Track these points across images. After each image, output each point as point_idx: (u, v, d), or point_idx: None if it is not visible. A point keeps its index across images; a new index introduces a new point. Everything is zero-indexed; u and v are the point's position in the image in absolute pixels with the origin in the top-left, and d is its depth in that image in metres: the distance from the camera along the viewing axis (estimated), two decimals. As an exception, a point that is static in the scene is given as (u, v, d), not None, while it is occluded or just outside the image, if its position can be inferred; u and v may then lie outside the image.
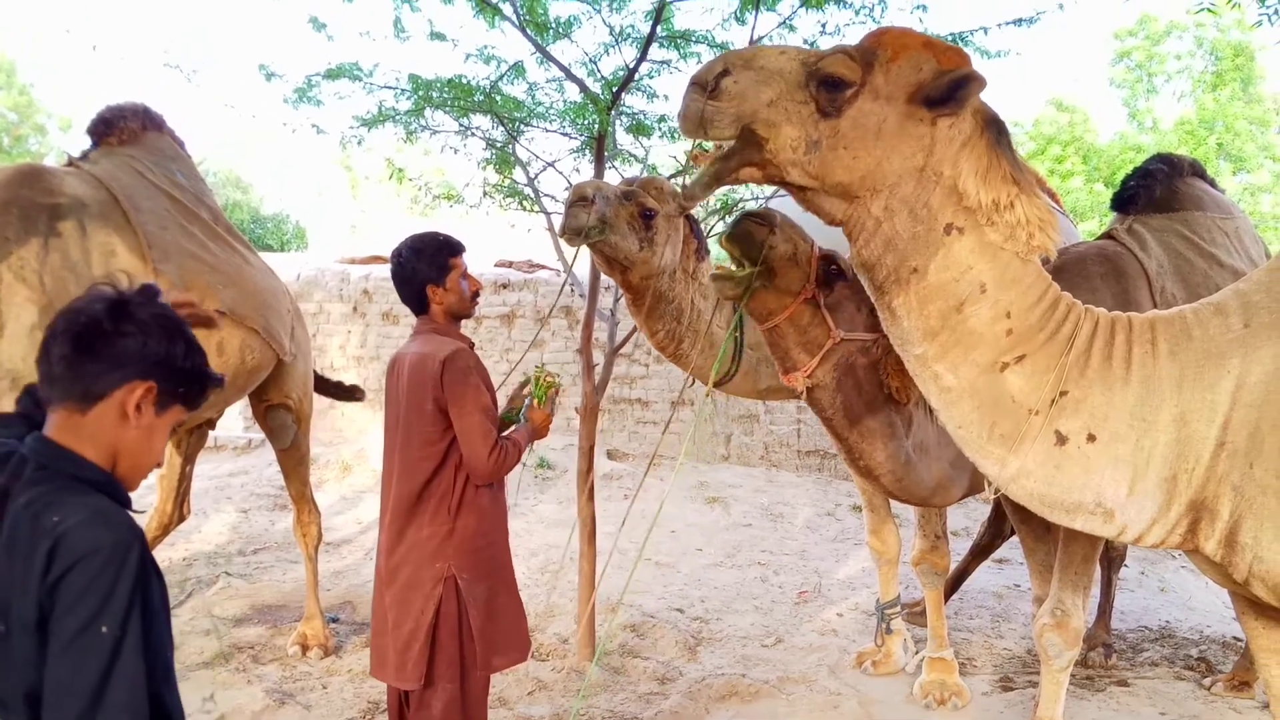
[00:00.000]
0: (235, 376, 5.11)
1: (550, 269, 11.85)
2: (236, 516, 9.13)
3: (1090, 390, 2.58)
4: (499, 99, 5.54)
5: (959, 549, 6.90)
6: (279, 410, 5.77)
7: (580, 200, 4.26)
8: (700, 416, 3.92)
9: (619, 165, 6.20)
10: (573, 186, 4.49)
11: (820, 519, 9.82)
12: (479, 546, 3.55)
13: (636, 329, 4.97)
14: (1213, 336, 2.56)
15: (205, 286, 4.91)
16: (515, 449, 3.58)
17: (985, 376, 2.61)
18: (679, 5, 5.38)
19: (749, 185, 6.29)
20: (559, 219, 4.50)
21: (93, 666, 1.66)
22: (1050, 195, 6.29)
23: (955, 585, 6.56)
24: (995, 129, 2.61)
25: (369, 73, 5.64)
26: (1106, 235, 4.73)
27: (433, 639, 3.46)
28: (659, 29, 5.22)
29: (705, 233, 5.36)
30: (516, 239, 8.45)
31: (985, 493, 3.42)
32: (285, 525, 8.47)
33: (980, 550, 6.67)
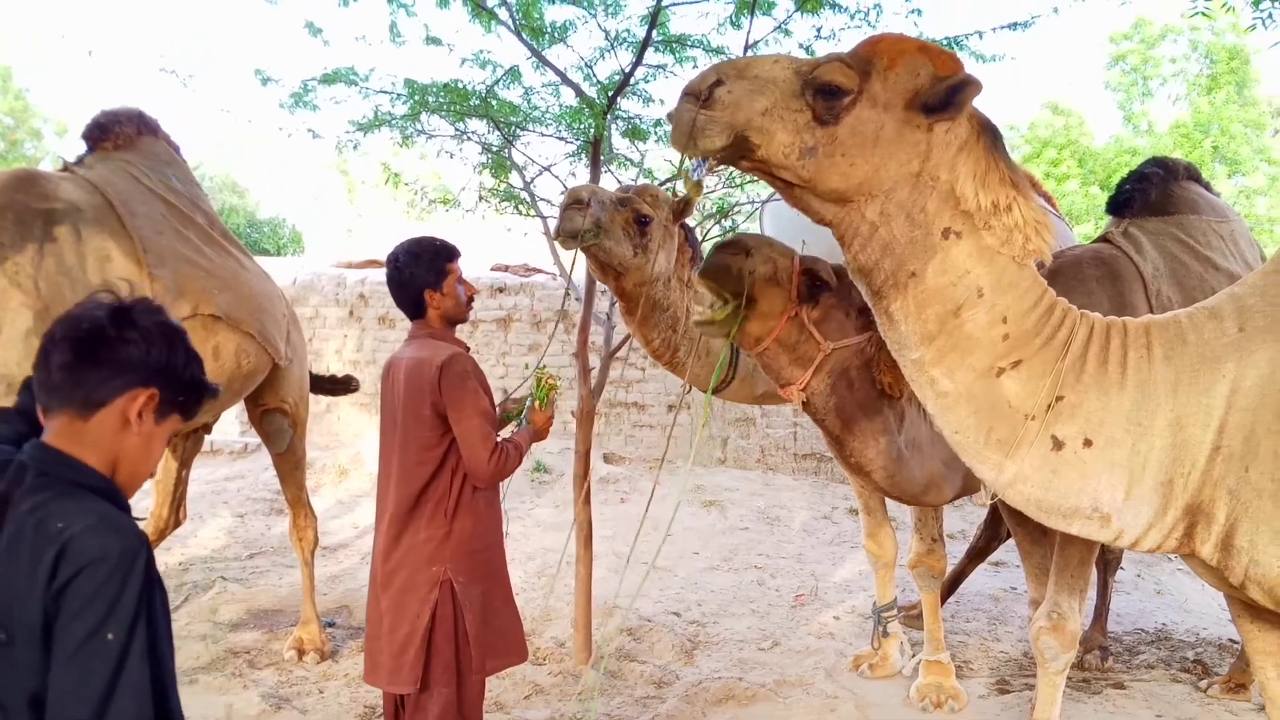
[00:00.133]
0: (231, 381, 5.10)
1: (546, 273, 11.85)
2: (233, 521, 9.11)
3: (1086, 395, 2.58)
4: (495, 103, 5.55)
5: (955, 552, 6.89)
6: (275, 415, 5.77)
7: (575, 203, 4.26)
8: (701, 422, 3.91)
9: (615, 169, 6.21)
10: (568, 190, 4.49)
11: (817, 522, 9.82)
12: (475, 549, 3.55)
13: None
14: (1208, 341, 2.57)
15: (200, 291, 4.91)
16: (516, 451, 3.58)
17: (982, 381, 2.61)
18: (674, 10, 5.40)
19: (744, 189, 6.31)
20: (555, 223, 4.50)
21: (99, 674, 1.65)
22: (1046, 198, 6.30)
23: (952, 588, 6.56)
24: (991, 133, 2.61)
25: (365, 77, 5.65)
26: (1102, 239, 4.74)
27: (428, 643, 3.45)
28: (654, 34, 5.23)
29: (700, 239, 5.37)
30: (513, 243, 8.44)
31: (981, 497, 3.43)
32: (281, 530, 8.47)
33: (977, 553, 6.67)
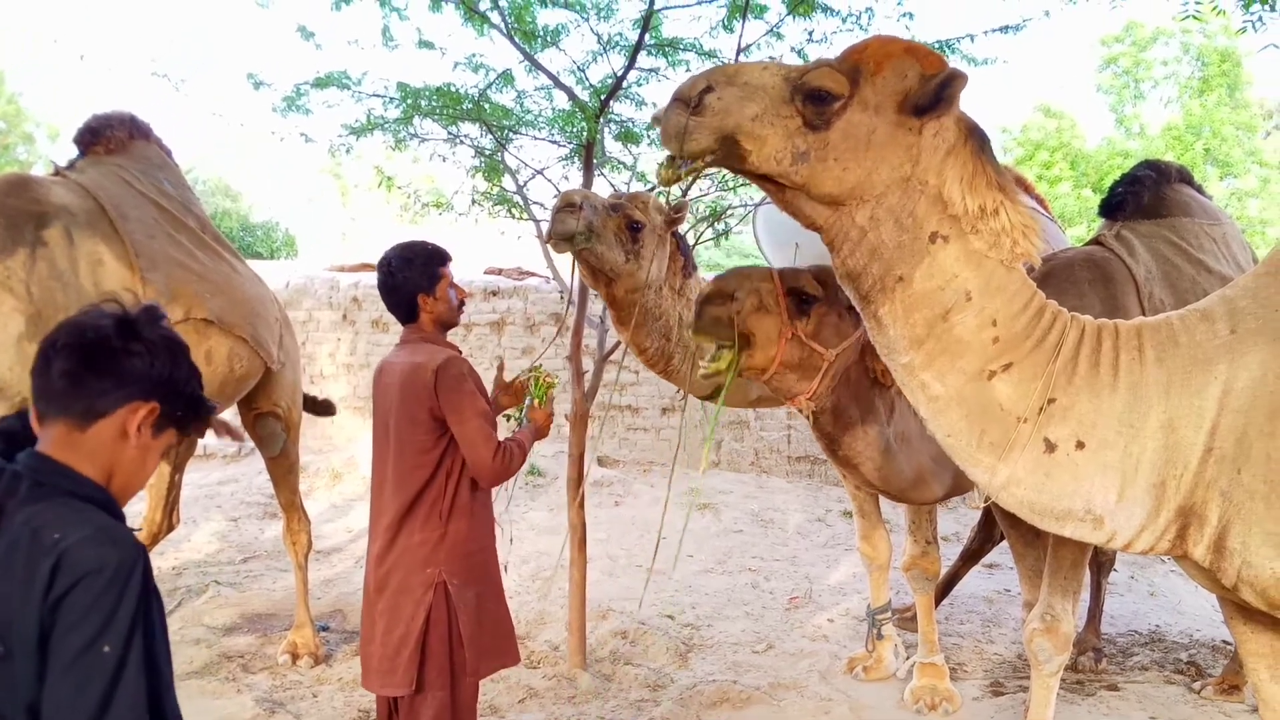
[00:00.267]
0: (223, 385, 5.10)
1: (540, 276, 11.84)
2: (226, 525, 9.10)
3: (1078, 397, 2.59)
4: (487, 107, 5.54)
5: (949, 554, 6.89)
6: (268, 418, 5.76)
7: (567, 206, 4.26)
8: (709, 435, 3.92)
9: (607, 173, 6.21)
10: (560, 193, 4.49)
11: (811, 525, 9.81)
12: (470, 552, 3.56)
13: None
14: (1199, 343, 2.57)
15: (193, 295, 4.91)
16: (520, 449, 3.59)
17: (972, 384, 2.61)
18: (667, 13, 5.40)
19: (736, 191, 6.31)
20: (547, 227, 4.50)
21: (95, 687, 1.63)
22: (1039, 201, 6.31)
23: (946, 590, 6.57)
24: (977, 137, 2.62)
25: (358, 81, 5.64)
26: (1094, 241, 4.74)
27: (423, 645, 3.45)
28: (647, 37, 5.23)
29: (692, 245, 5.37)
30: (506, 246, 8.42)
31: (975, 500, 3.43)
32: (275, 533, 8.45)
33: (970, 555, 6.68)
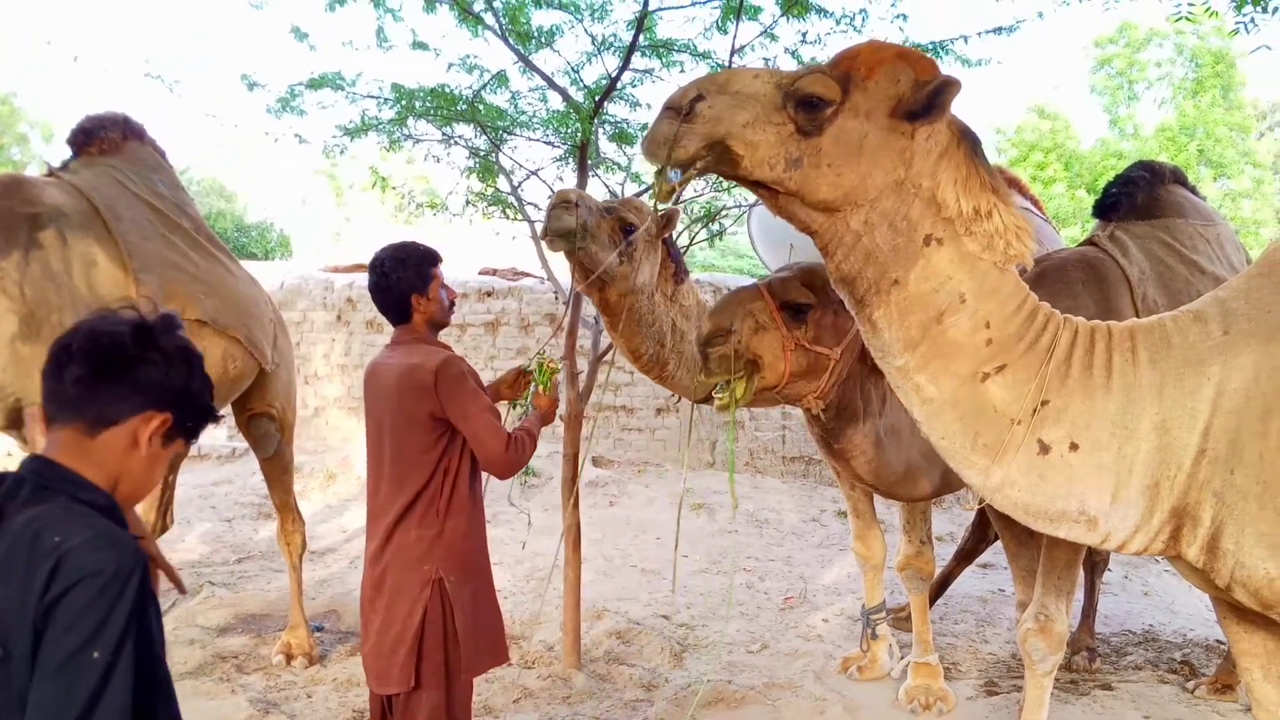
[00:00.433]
0: (218, 386, 5.07)
1: (534, 277, 11.84)
2: (220, 526, 9.09)
3: (1071, 399, 2.59)
4: (482, 108, 5.55)
5: (944, 554, 6.91)
6: (262, 419, 5.75)
7: (564, 203, 4.26)
8: (729, 438, 3.95)
9: (602, 173, 6.21)
10: (555, 193, 4.49)
11: (805, 525, 9.82)
12: (466, 550, 3.57)
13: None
14: (1193, 344, 2.57)
15: (187, 296, 4.90)
16: (530, 438, 3.61)
17: (966, 387, 2.61)
18: (661, 15, 5.40)
19: (731, 192, 6.32)
20: (541, 226, 4.50)
21: (81, 692, 1.60)
22: (1033, 202, 6.33)
23: (940, 590, 6.57)
24: (970, 140, 2.62)
25: (352, 82, 5.64)
26: (1088, 242, 4.75)
27: (419, 644, 3.45)
28: (641, 38, 5.24)
29: (687, 245, 5.37)
30: (500, 247, 8.43)
31: (969, 502, 3.44)
32: (269, 534, 8.43)
33: (965, 555, 6.69)
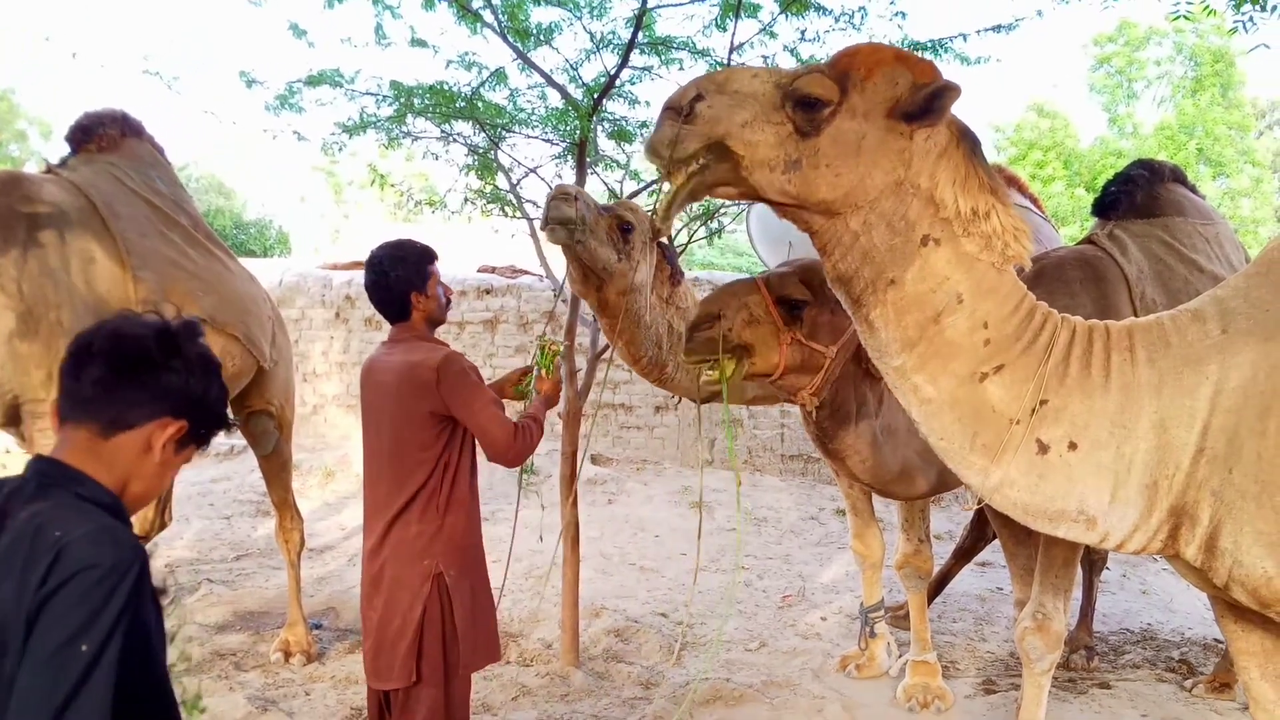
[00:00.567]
0: (217, 384, 5.08)
1: (533, 274, 11.83)
2: (219, 523, 9.08)
3: (1070, 398, 2.58)
4: (480, 105, 5.54)
5: (942, 552, 6.91)
6: (260, 416, 5.75)
7: (563, 195, 4.26)
8: (728, 436, 3.98)
9: (600, 171, 6.21)
10: (554, 187, 4.49)
11: (804, 523, 9.82)
12: (466, 545, 3.59)
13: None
14: (1191, 343, 2.57)
15: (185, 293, 4.90)
16: (536, 424, 3.63)
17: (965, 387, 2.61)
18: (660, 12, 5.40)
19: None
20: (539, 222, 4.49)
21: (64, 685, 1.59)
22: (1032, 201, 6.33)
23: (938, 589, 6.58)
24: (969, 141, 2.61)
25: (350, 79, 5.64)
26: (1087, 240, 4.75)
27: (419, 640, 3.46)
28: (640, 35, 5.23)
29: (686, 243, 5.36)
30: (499, 244, 8.43)
31: (968, 502, 3.44)
32: (267, 531, 8.43)
33: (963, 553, 6.69)
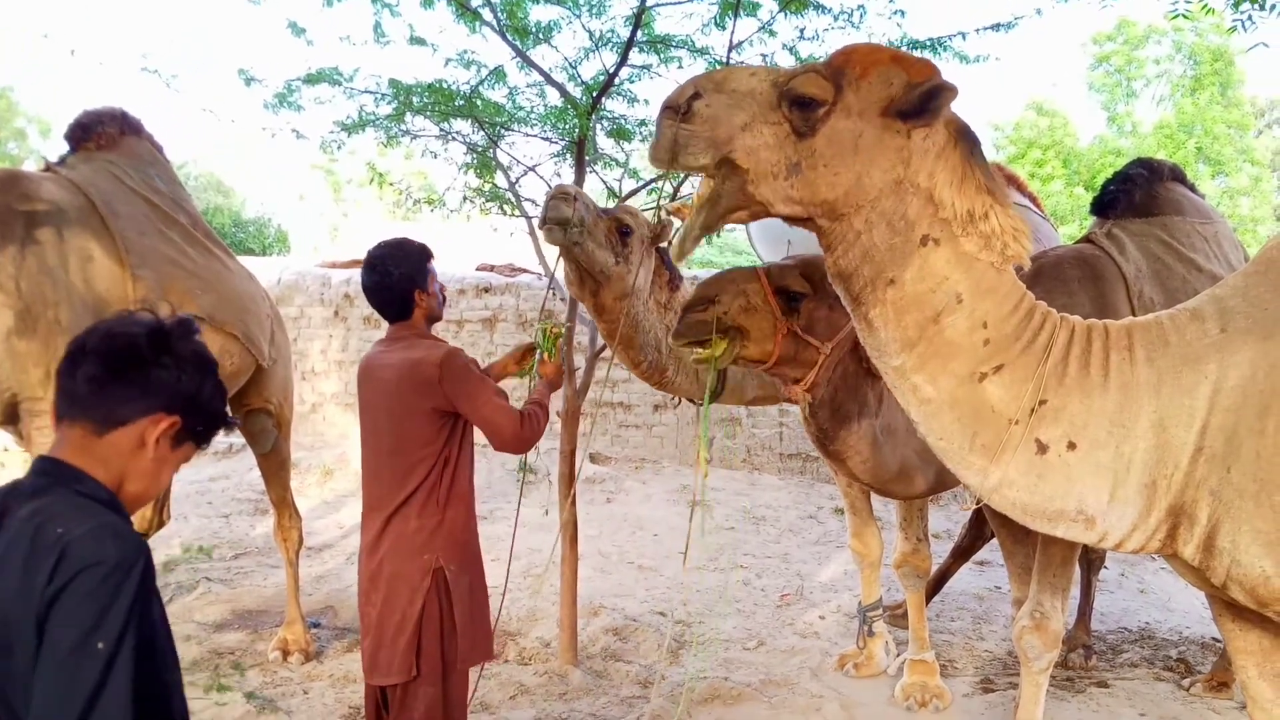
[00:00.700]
0: (215, 382, 5.08)
1: (532, 273, 11.83)
2: (217, 521, 9.08)
3: (1069, 398, 2.58)
4: (479, 103, 5.54)
5: (940, 551, 6.91)
6: (259, 415, 5.74)
7: (563, 195, 4.26)
8: (702, 437, 3.98)
9: (599, 169, 6.20)
10: (554, 187, 4.49)
11: (802, 522, 9.82)
12: (465, 540, 3.61)
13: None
14: (1189, 342, 2.57)
15: (183, 292, 4.89)
16: (541, 409, 3.66)
17: (964, 387, 2.60)
18: (658, 10, 5.39)
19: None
20: (538, 221, 4.49)
21: (85, 683, 1.59)
22: (1032, 199, 6.32)
23: (936, 587, 6.58)
24: (968, 140, 2.60)
25: (349, 77, 5.64)
26: (1085, 239, 4.75)
27: (419, 635, 3.47)
28: (639, 34, 5.23)
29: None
30: (498, 243, 8.42)
31: (967, 502, 3.44)
32: (266, 530, 8.43)
33: (961, 552, 6.69)
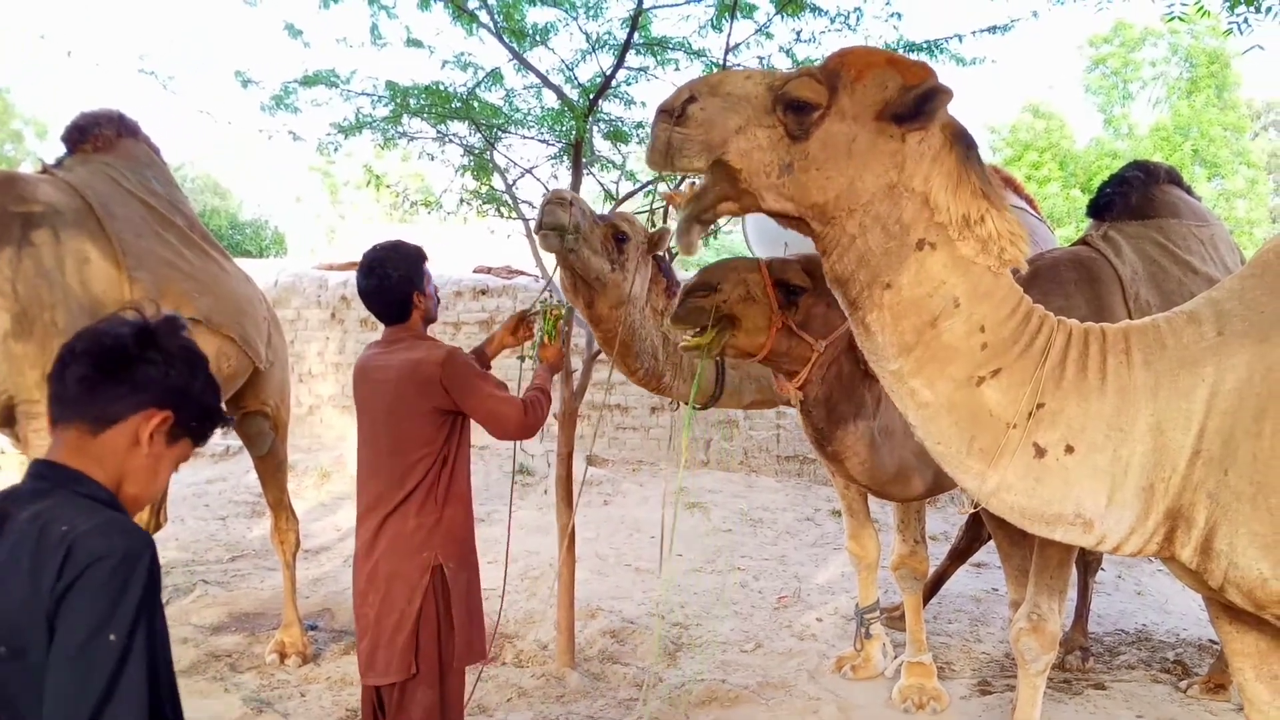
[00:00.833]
0: (211, 384, 5.07)
1: (529, 275, 11.83)
2: (214, 524, 9.07)
3: (1066, 402, 2.58)
4: (476, 105, 5.54)
5: (937, 553, 6.91)
6: (256, 417, 5.74)
7: (559, 200, 4.26)
8: (684, 437, 4.00)
9: (596, 171, 6.20)
10: (550, 191, 4.49)
11: (799, 524, 9.82)
12: (463, 538, 3.62)
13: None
14: (1186, 345, 2.57)
15: (180, 294, 4.88)
16: (543, 394, 3.68)
17: (962, 391, 2.60)
18: (655, 12, 5.40)
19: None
20: (538, 217, 4.48)
21: (99, 676, 1.59)
22: (1028, 201, 6.33)
23: (934, 589, 6.58)
24: (964, 144, 2.59)
25: (346, 79, 5.64)
26: (1081, 241, 4.75)
27: (417, 633, 3.47)
28: (635, 36, 5.23)
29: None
30: (495, 245, 8.43)
31: (964, 506, 3.44)
32: (263, 532, 8.42)
33: (958, 554, 6.69)
